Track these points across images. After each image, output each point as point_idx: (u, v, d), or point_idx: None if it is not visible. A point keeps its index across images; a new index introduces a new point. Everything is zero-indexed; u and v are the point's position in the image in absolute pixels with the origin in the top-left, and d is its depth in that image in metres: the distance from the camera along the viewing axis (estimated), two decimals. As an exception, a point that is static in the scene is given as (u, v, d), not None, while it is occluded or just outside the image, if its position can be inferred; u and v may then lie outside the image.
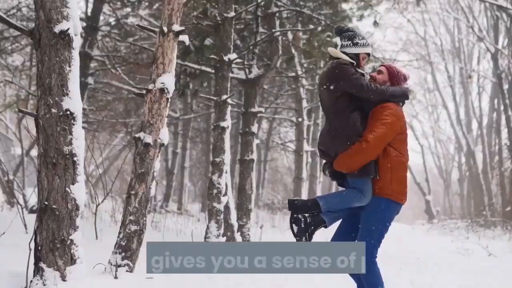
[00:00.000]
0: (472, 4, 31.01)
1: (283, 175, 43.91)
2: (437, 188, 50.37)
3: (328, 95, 5.40)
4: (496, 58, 27.69)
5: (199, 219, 19.58)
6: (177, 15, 7.62)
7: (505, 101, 26.62)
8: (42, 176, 6.01)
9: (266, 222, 19.58)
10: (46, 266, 5.91)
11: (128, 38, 17.28)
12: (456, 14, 33.50)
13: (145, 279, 7.14)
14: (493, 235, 21.54)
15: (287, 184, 43.46)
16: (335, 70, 5.40)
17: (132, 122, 24.14)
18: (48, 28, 6.04)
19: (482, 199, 32.84)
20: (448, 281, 9.27)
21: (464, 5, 31.02)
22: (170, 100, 7.57)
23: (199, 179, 38.72)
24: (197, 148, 35.06)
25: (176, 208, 24.76)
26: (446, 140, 47.08)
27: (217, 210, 10.15)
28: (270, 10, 12.91)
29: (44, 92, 6.03)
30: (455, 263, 12.15)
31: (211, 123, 27.28)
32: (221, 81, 10.57)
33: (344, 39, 5.58)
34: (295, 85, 20.07)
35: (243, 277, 8.31)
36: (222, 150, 10.37)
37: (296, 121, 20.98)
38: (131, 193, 7.25)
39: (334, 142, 5.34)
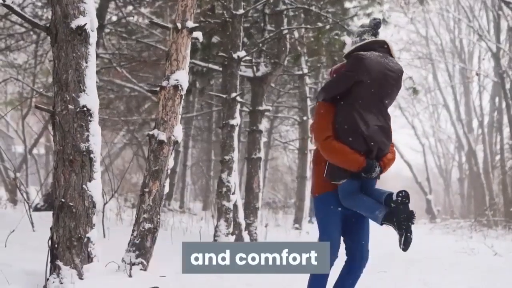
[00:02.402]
0: (473, 4, 30.99)
1: (283, 174, 43.85)
2: (437, 188, 50.32)
3: (398, 90, 5.33)
4: (497, 57, 27.65)
5: (202, 218, 19.54)
6: (191, 12, 7.56)
7: (508, 100, 26.58)
8: (59, 173, 5.96)
9: (269, 221, 19.57)
10: (63, 264, 5.87)
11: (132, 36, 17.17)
12: (457, 14, 33.46)
13: (159, 277, 7.11)
14: (496, 234, 21.52)
15: (287, 183, 43.43)
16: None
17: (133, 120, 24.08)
18: (64, 24, 6.00)
19: (483, 199, 32.80)
20: (458, 280, 9.22)
21: (464, 4, 31.01)
22: (184, 97, 7.50)
23: (199, 177, 38.67)
24: (197, 147, 35.00)
25: (178, 206, 24.67)
26: (446, 139, 47.08)
27: (226, 209, 10.09)
28: (278, 8, 12.85)
29: (60, 88, 5.98)
30: (462, 263, 12.10)
31: (213, 121, 27.39)
32: (230, 78, 10.52)
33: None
34: (300, 84, 19.97)
35: (253, 276, 8.26)
36: (231, 148, 10.30)
37: (300, 119, 20.88)
38: (145, 190, 7.18)
39: (389, 140, 5.19)
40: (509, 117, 26.54)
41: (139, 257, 7.01)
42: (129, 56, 17.89)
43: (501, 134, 30.77)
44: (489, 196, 31.87)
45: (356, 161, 4.97)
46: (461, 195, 43.22)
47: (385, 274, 9.20)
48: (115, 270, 6.86)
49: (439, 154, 47.15)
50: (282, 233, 16.41)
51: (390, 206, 4.91)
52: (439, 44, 38.23)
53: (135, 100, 24.01)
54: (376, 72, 5.06)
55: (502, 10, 25.19)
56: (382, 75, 5.08)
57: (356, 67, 5.06)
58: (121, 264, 6.97)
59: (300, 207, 20.19)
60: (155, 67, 20.08)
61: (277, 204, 33.17)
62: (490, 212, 27.72)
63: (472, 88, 38.25)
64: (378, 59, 5.12)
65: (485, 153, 34.30)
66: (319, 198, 5.17)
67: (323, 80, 23.14)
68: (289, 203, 32.58)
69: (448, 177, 47.54)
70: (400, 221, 4.83)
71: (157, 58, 19.56)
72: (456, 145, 44.06)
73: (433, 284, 8.63)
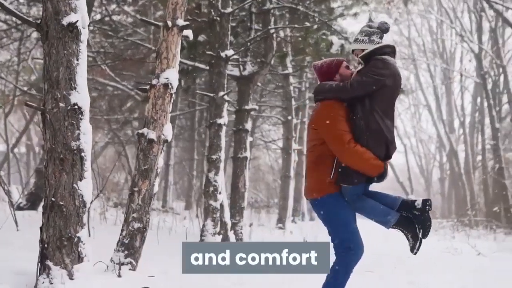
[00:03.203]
0: (456, 5, 31.18)
1: (265, 174, 43.87)
2: (418, 188, 50.59)
3: None
4: (479, 58, 27.85)
5: (185, 217, 19.47)
6: (182, 9, 7.50)
7: (489, 101, 26.78)
8: (49, 172, 5.87)
9: (252, 220, 19.54)
10: (53, 264, 5.78)
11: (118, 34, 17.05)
12: (439, 15, 33.65)
13: (148, 277, 7.04)
14: (478, 234, 21.70)
15: (269, 182, 43.46)
16: None
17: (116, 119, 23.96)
18: (56, 20, 5.92)
19: (464, 199, 33.03)
20: (447, 281, 9.23)
21: (447, 6, 31.19)
22: (173, 96, 7.44)
23: (181, 177, 38.56)
24: (180, 146, 34.89)
25: (161, 206, 24.56)
26: (427, 139, 47.40)
27: (213, 208, 10.03)
28: (265, 7, 12.82)
29: (51, 86, 5.89)
30: (447, 263, 12.16)
31: (195, 120, 27.29)
32: (218, 77, 10.46)
33: None
34: (284, 83, 19.96)
35: (244, 276, 8.23)
36: (218, 147, 10.25)
37: (284, 119, 20.86)
38: (134, 190, 7.10)
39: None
40: (491, 117, 26.73)
41: (128, 257, 6.93)
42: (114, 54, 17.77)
43: (482, 135, 30.99)
44: (470, 197, 32.11)
45: (377, 166, 5.03)
46: (442, 195, 43.55)
47: (372, 274, 9.20)
48: (104, 270, 6.77)
49: (420, 154, 47.49)
50: (267, 233, 16.38)
51: (412, 212, 5.13)
52: (421, 44, 38.47)
53: (118, 98, 23.89)
54: (397, 78, 5.17)
55: (485, 11, 25.37)
56: (399, 82, 5.20)
57: (386, 71, 5.08)
58: (110, 264, 6.89)
59: (283, 206, 20.18)
60: (139, 66, 19.99)
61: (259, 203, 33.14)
62: (472, 213, 27.92)
63: (453, 88, 38.52)
64: (395, 65, 5.22)
65: (466, 153, 34.55)
66: (333, 196, 5.07)
67: (307, 80, 23.15)
68: (271, 203, 32.57)
69: (429, 177, 47.89)
70: (426, 227, 5.08)
71: (141, 56, 19.47)
72: (437, 145, 44.42)
73: (422, 284, 8.63)
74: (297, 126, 22.74)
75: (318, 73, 5.39)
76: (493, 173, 27.48)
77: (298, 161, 23.26)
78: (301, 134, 24.10)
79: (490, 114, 26.82)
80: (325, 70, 5.31)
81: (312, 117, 5.27)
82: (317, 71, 5.42)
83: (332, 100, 5.10)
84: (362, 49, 5.32)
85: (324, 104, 5.13)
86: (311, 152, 5.22)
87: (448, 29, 35.50)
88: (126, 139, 27.05)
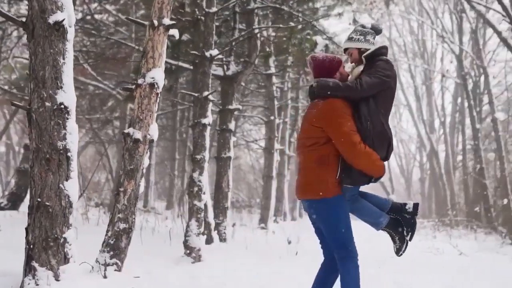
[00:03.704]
0: (437, 6, 31.37)
1: (246, 174, 43.85)
2: (398, 187, 50.89)
3: None
4: (460, 59, 28.06)
5: (167, 217, 19.41)
6: (168, 9, 7.45)
7: (470, 102, 26.99)
8: (35, 172, 5.79)
9: (234, 220, 19.52)
10: (39, 266, 5.70)
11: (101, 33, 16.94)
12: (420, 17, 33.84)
13: (133, 278, 7.00)
14: (458, 234, 21.88)
15: (250, 182, 43.45)
16: None
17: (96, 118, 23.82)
18: (42, 19, 5.85)
19: (444, 199, 33.26)
20: (430, 280, 9.30)
21: (428, 7, 31.37)
22: (160, 95, 7.39)
23: (162, 176, 38.41)
24: (161, 145, 34.77)
25: (142, 206, 24.46)
26: (408, 139, 47.68)
27: (197, 208, 9.94)
28: (249, 7, 12.78)
29: (37, 85, 5.83)
30: (430, 262, 12.25)
31: (177, 120, 27.19)
32: (203, 77, 10.38)
33: None
34: (267, 83, 19.95)
35: (226, 277, 8.23)
36: (203, 147, 10.17)
37: (266, 119, 20.85)
38: (120, 190, 7.05)
39: None
40: (472, 118, 26.93)
41: (113, 258, 6.87)
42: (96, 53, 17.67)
43: (463, 135, 31.21)
44: (450, 197, 32.33)
45: (382, 167, 5.06)
46: (422, 194, 43.80)
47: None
48: (89, 271, 6.72)
49: (401, 154, 47.73)
50: (249, 233, 16.37)
51: (402, 215, 5.25)
52: (402, 45, 38.68)
53: (99, 98, 23.75)
54: (396, 79, 5.22)
55: (465, 12, 25.55)
56: (396, 83, 5.23)
57: (391, 73, 5.11)
58: (95, 264, 6.83)
59: (265, 206, 20.15)
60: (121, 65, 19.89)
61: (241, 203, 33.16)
62: (453, 212, 28.12)
63: (434, 88, 38.79)
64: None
65: (446, 153, 34.79)
66: (338, 198, 4.99)
67: (289, 80, 23.17)
68: (252, 203, 32.58)
69: (410, 177, 48.16)
70: (414, 231, 5.23)
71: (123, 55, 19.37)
72: (418, 145, 44.68)
73: (406, 284, 8.67)
74: (279, 126, 22.75)
75: (318, 66, 5.23)
76: (473, 173, 27.68)
77: (280, 161, 23.27)
78: (283, 134, 24.14)
79: (471, 115, 27.02)
80: (328, 65, 5.19)
81: (314, 114, 5.08)
82: (317, 64, 5.24)
83: (338, 98, 5.02)
84: (357, 48, 5.31)
85: (330, 102, 5.01)
86: (312, 151, 5.04)
87: (429, 29, 35.74)
88: (107, 138, 26.89)
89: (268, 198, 20.14)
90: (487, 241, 19.39)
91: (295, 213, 30.28)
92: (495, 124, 24.29)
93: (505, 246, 17.51)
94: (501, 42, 17.02)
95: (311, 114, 5.12)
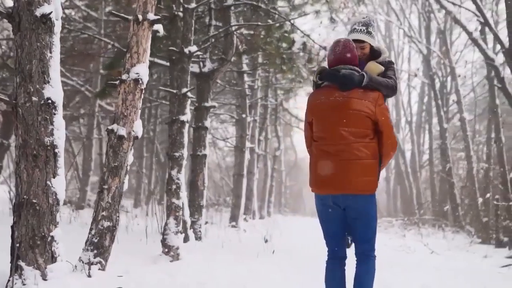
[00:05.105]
0: (405, 6, 31.62)
1: (212, 172, 43.68)
2: (363, 186, 51.12)
3: None
4: (428, 59, 28.34)
5: (136, 215, 19.23)
6: (152, 3, 7.34)
7: (437, 102, 27.28)
8: (21, 168, 5.64)
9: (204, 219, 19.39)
10: (26, 265, 5.56)
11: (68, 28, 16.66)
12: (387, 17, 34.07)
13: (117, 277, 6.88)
14: (427, 233, 22.11)
15: (216, 181, 43.31)
16: None
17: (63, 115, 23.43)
18: (28, 11, 5.71)
19: (411, 198, 33.58)
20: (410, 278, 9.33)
21: (396, 7, 31.60)
22: (144, 91, 7.26)
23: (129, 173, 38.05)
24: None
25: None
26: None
27: (176, 206, 9.82)
28: (226, 3, 12.68)
29: (24, 79, 5.67)
30: (405, 261, 12.31)
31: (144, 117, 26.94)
32: (181, 74, 10.25)
33: None
34: (239, 81, 19.87)
35: (204, 276, 8.16)
36: (181, 144, 10.05)
37: (238, 117, 20.78)
38: (103, 187, 6.90)
39: None
40: (439, 117, 27.23)
41: (97, 257, 6.73)
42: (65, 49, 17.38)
43: (430, 134, 31.54)
44: (416, 195, 32.65)
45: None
46: (387, 193, 44.14)
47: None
48: (72, 270, 6.56)
49: (366, 153, 47.94)
50: (221, 231, 16.29)
51: None
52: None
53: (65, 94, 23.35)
54: None
55: (434, 13, 25.79)
56: None
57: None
58: (78, 263, 6.68)
59: (236, 204, 20.07)
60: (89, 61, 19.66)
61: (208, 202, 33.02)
62: (421, 211, 28.43)
63: (400, 88, 39.10)
64: None
65: (412, 152, 35.13)
66: (375, 197, 4.96)
67: (259, 78, 23.14)
68: (219, 201, 32.50)
69: (375, 176, 48.42)
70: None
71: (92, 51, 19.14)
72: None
73: (387, 283, 8.67)
74: (250, 124, 22.70)
75: (355, 54, 5.02)
76: (442, 172, 28.00)
77: (250, 159, 23.23)
78: (253, 132, 24.10)
79: (438, 114, 27.33)
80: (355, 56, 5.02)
81: (366, 104, 4.85)
82: (351, 52, 5.01)
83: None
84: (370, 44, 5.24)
85: (380, 95, 4.92)
86: (367, 144, 4.84)
87: (395, 28, 36.01)
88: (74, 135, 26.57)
89: (239, 196, 20.07)
90: (456, 240, 19.65)
91: (263, 212, 30.28)
92: (463, 124, 24.59)
93: (473, 245, 17.75)
94: (472, 42, 17.19)
95: (358, 103, 4.86)
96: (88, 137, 22.05)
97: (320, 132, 4.97)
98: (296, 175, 60.84)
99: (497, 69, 15.21)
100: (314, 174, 5.01)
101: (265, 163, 31.10)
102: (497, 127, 19.81)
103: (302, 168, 65.92)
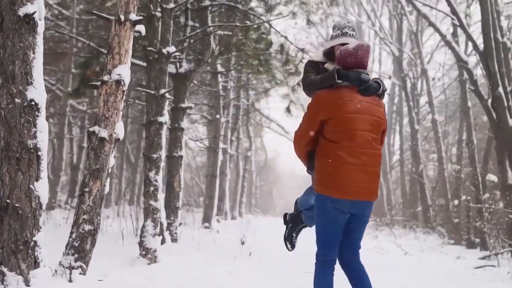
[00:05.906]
0: (376, 7, 31.77)
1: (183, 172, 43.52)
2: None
3: None
4: (400, 61, 28.52)
5: (108, 216, 19.04)
6: (134, 3, 7.25)
7: (409, 103, 27.47)
8: (4, 171, 5.52)
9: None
10: (8, 270, 5.45)
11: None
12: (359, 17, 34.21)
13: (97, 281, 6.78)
14: (398, 233, 22.22)
15: (186, 181, 43.12)
16: None
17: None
18: (11, 11, 5.59)
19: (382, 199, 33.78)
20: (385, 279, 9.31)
21: (367, 7, 31.73)
22: (125, 92, 7.16)
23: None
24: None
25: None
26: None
27: (153, 208, 9.73)
28: (203, 4, 12.60)
29: (6, 80, 5.55)
30: (380, 262, 12.31)
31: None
32: (160, 74, 10.14)
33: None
34: (213, 82, 19.80)
35: (184, 278, 8.10)
36: (159, 146, 9.96)
37: (211, 117, 20.71)
38: (84, 190, 6.78)
39: None
40: (411, 118, 27.43)
41: (78, 261, 6.61)
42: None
43: (400, 135, 31.75)
44: (387, 196, 32.85)
45: None
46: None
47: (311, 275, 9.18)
48: (52, 275, 6.43)
49: (336, 153, 48.12)
50: (195, 232, 16.20)
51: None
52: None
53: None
54: None
55: (406, 15, 25.96)
56: None
57: None
58: (59, 268, 6.55)
59: (209, 205, 20.00)
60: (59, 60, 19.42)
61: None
62: (392, 212, 28.59)
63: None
64: None
65: (383, 153, 35.29)
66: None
67: (233, 78, 23.10)
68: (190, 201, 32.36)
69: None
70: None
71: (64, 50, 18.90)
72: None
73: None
74: (223, 125, 22.64)
75: (368, 60, 4.94)
76: (413, 173, 28.19)
77: (223, 160, 23.17)
78: (226, 133, 24.05)
79: (410, 116, 27.51)
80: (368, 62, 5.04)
81: (382, 113, 4.89)
82: (369, 58, 4.95)
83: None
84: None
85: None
86: (379, 153, 4.81)
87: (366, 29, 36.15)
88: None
89: (212, 197, 20.01)
90: (428, 241, 19.77)
91: (235, 212, 30.26)
92: (435, 125, 24.79)
93: (445, 246, 17.89)
94: (445, 44, 17.31)
95: (378, 111, 4.85)
96: (59, 136, 21.79)
97: (342, 134, 4.73)
98: (266, 175, 60.89)
99: (470, 72, 15.28)
100: (336, 178, 4.72)
101: (236, 163, 31.10)
102: (469, 129, 19.98)
103: (272, 168, 66.04)
